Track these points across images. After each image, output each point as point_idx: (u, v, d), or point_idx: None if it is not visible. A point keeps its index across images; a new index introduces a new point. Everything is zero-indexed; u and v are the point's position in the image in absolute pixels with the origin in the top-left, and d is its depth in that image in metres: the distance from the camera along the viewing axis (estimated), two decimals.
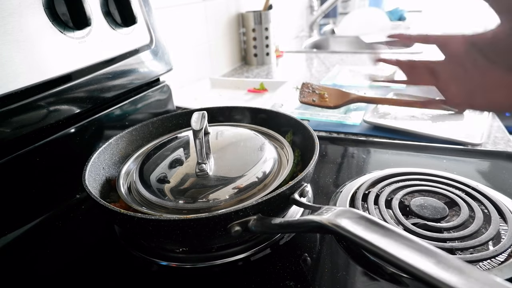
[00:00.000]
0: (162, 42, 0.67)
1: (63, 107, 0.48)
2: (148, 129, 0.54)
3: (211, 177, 0.39)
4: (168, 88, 0.72)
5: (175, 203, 0.38)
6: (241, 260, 0.38)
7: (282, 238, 0.41)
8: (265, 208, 0.34)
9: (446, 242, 0.35)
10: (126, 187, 0.44)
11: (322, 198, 0.48)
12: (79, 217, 0.48)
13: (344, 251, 0.38)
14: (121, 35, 0.58)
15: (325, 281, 0.35)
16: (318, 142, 0.43)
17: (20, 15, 0.42)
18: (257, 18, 1.26)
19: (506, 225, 0.38)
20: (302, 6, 2.07)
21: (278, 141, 0.50)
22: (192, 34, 1.04)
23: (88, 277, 0.38)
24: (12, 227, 0.43)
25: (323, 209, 0.32)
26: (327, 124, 0.73)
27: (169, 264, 0.39)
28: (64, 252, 0.42)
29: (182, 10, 0.97)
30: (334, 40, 1.92)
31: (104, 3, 0.55)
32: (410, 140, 0.63)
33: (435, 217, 0.39)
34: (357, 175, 0.51)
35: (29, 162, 0.45)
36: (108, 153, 0.47)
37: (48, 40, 0.46)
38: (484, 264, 0.34)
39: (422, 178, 0.47)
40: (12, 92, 0.41)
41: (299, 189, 0.37)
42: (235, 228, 0.32)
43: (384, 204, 0.42)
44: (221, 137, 0.47)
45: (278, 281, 0.35)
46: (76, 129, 0.51)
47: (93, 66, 0.52)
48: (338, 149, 0.62)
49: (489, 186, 0.46)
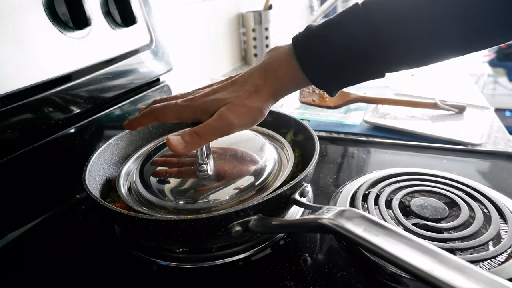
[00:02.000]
0: (162, 42, 0.67)
1: (63, 107, 0.48)
2: (148, 129, 0.54)
3: (211, 177, 0.39)
4: (168, 88, 0.72)
5: (175, 204, 0.38)
6: (241, 260, 0.38)
7: (282, 238, 0.41)
8: (266, 208, 0.34)
9: (446, 242, 0.35)
10: (126, 187, 0.44)
11: (322, 198, 0.48)
12: (79, 217, 0.48)
13: (344, 251, 0.38)
14: (121, 35, 0.58)
15: (325, 281, 0.35)
16: (318, 142, 0.43)
17: (20, 15, 0.42)
18: (257, 18, 1.26)
19: (506, 225, 0.38)
20: (302, 6, 2.07)
21: (278, 141, 0.50)
22: (192, 34, 1.04)
23: (88, 277, 0.38)
24: (12, 227, 0.43)
25: (324, 209, 0.32)
26: (327, 124, 0.73)
27: (169, 264, 0.39)
28: (64, 252, 0.42)
29: (182, 10, 0.97)
30: None
31: (104, 3, 0.55)
32: (410, 140, 0.63)
33: (435, 217, 0.39)
34: (357, 175, 0.51)
35: (29, 162, 0.45)
36: (108, 153, 0.47)
37: (48, 40, 0.46)
38: (484, 264, 0.34)
39: (422, 178, 0.46)
40: (12, 92, 0.41)
41: (300, 189, 0.37)
42: (235, 228, 0.32)
43: (384, 204, 0.42)
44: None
45: (278, 281, 0.35)
46: (76, 129, 0.51)
47: (93, 66, 0.52)
48: (338, 149, 0.62)
49: (489, 186, 0.46)
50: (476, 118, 0.70)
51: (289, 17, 1.83)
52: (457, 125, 0.68)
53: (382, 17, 0.34)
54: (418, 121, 0.70)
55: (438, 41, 0.33)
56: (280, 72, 0.38)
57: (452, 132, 0.64)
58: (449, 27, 0.32)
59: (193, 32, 1.04)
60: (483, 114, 0.71)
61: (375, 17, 0.34)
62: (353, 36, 0.35)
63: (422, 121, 0.70)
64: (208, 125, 0.36)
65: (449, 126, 0.67)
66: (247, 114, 0.37)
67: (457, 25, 0.32)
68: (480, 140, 0.61)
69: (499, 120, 0.70)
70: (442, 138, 0.62)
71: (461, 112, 0.72)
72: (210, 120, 0.37)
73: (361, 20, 0.34)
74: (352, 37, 0.35)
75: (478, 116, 0.71)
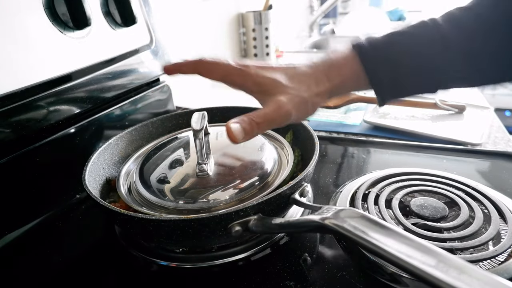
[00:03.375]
0: (162, 42, 0.67)
1: (63, 107, 0.48)
2: (148, 129, 0.54)
3: (211, 177, 0.39)
4: (168, 88, 0.72)
5: (175, 204, 0.38)
6: (241, 260, 0.38)
7: (282, 238, 0.41)
8: (266, 208, 0.34)
9: (446, 242, 0.35)
10: (126, 187, 0.44)
11: (322, 198, 0.48)
12: (79, 217, 0.48)
13: (344, 251, 0.38)
14: (121, 35, 0.58)
15: (325, 281, 0.35)
16: (318, 142, 0.43)
17: (20, 15, 0.42)
18: (257, 18, 1.26)
19: (506, 225, 0.38)
20: (302, 6, 2.07)
21: (278, 141, 0.50)
22: (192, 34, 1.04)
23: (88, 277, 0.38)
24: (12, 227, 0.43)
25: (324, 209, 0.32)
26: (327, 124, 0.73)
27: (169, 264, 0.39)
28: (64, 252, 0.42)
29: (182, 10, 0.97)
30: (334, 40, 1.92)
31: (104, 3, 0.55)
32: (410, 140, 0.63)
33: (435, 217, 0.39)
34: (357, 175, 0.51)
35: (29, 162, 0.45)
36: (108, 153, 0.47)
37: (48, 40, 0.46)
38: (484, 264, 0.34)
39: (422, 178, 0.46)
40: (12, 92, 0.41)
41: (300, 189, 0.37)
42: (235, 228, 0.32)
43: (384, 204, 0.42)
44: (221, 137, 0.47)
45: (278, 281, 0.35)
46: (76, 129, 0.51)
47: (93, 66, 0.52)
48: (338, 149, 0.62)
49: (489, 186, 0.46)
50: (476, 118, 0.70)
51: (289, 17, 1.83)
52: (457, 125, 0.68)
53: (453, 32, 0.34)
54: (418, 121, 0.70)
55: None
56: (344, 70, 0.38)
57: (452, 132, 0.64)
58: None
59: (193, 32, 1.04)
60: (483, 114, 0.71)
61: (446, 31, 0.34)
62: (424, 45, 0.35)
63: (422, 121, 0.70)
64: (267, 115, 0.35)
65: (449, 126, 0.67)
66: (304, 106, 0.36)
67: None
68: (480, 140, 0.61)
69: (499, 120, 0.70)
70: (442, 138, 0.62)
71: (461, 112, 0.72)
72: (269, 110, 0.35)
73: (432, 32, 0.35)
74: (422, 47, 0.35)
75: (478, 116, 0.71)
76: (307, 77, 0.37)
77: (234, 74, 0.37)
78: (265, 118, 0.34)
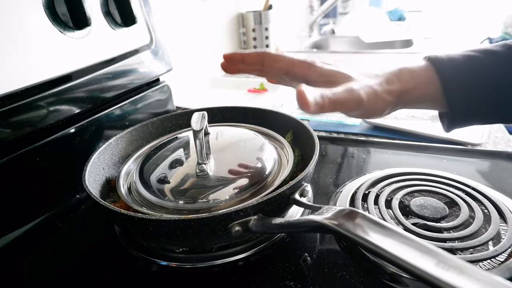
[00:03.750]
0: (162, 42, 0.67)
1: (63, 107, 0.48)
2: (148, 129, 0.54)
3: (211, 177, 0.39)
4: (168, 88, 0.72)
5: (175, 204, 0.38)
6: (241, 260, 0.38)
7: (282, 238, 0.41)
8: (266, 208, 0.34)
9: (446, 242, 0.35)
10: (126, 187, 0.44)
11: (322, 198, 0.48)
12: (79, 217, 0.48)
13: (344, 251, 0.38)
14: (121, 35, 0.58)
15: (325, 281, 0.35)
16: (318, 142, 0.43)
17: (20, 15, 0.42)
18: (257, 18, 1.26)
19: (506, 225, 0.38)
20: (302, 6, 2.07)
21: (278, 141, 0.50)
22: (192, 34, 1.04)
23: (88, 277, 0.38)
24: (12, 227, 0.43)
25: (324, 209, 0.32)
26: (327, 124, 0.73)
27: (169, 264, 0.39)
28: (64, 252, 0.42)
29: (182, 10, 0.97)
30: (334, 40, 1.92)
31: (104, 3, 0.55)
32: (410, 140, 0.63)
33: (435, 217, 0.39)
34: (357, 175, 0.51)
35: (29, 162, 0.45)
36: (108, 153, 0.47)
37: (48, 40, 0.46)
38: (484, 264, 0.34)
39: (422, 178, 0.46)
40: (12, 92, 0.41)
41: (300, 189, 0.37)
42: (235, 228, 0.32)
43: (384, 204, 0.42)
44: (221, 137, 0.47)
45: (278, 281, 0.35)
46: (76, 129, 0.51)
47: (93, 66, 0.52)
48: (338, 149, 0.62)
49: (489, 186, 0.46)
50: None
51: (289, 17, 1.83)
52: None
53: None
54: (418, 121, 0.70)
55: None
56: (418, 74, 0.36)
57: (452, 132, 0.64)
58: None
59: (193, 32, 1.04)
60: None
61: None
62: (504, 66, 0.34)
63: (422, 121, 0.70)
64: (338, 95, 0.32)
65: None
66: (374, 99, 0.34)
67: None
68: (480, 140, 0.61)
69: None
70: (442, 138, 0.62)
71: None
72: (340, 92, 0.32)
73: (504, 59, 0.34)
74: (502, 67, 0.34)
75: None
76: (377, 75, 0.36)
77: (299, 66, 0.36)
78: (336, 97, 0.32)
